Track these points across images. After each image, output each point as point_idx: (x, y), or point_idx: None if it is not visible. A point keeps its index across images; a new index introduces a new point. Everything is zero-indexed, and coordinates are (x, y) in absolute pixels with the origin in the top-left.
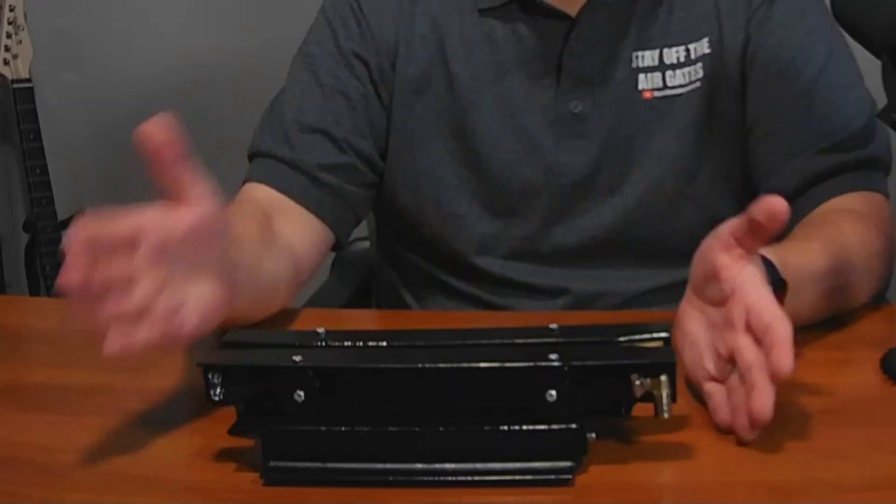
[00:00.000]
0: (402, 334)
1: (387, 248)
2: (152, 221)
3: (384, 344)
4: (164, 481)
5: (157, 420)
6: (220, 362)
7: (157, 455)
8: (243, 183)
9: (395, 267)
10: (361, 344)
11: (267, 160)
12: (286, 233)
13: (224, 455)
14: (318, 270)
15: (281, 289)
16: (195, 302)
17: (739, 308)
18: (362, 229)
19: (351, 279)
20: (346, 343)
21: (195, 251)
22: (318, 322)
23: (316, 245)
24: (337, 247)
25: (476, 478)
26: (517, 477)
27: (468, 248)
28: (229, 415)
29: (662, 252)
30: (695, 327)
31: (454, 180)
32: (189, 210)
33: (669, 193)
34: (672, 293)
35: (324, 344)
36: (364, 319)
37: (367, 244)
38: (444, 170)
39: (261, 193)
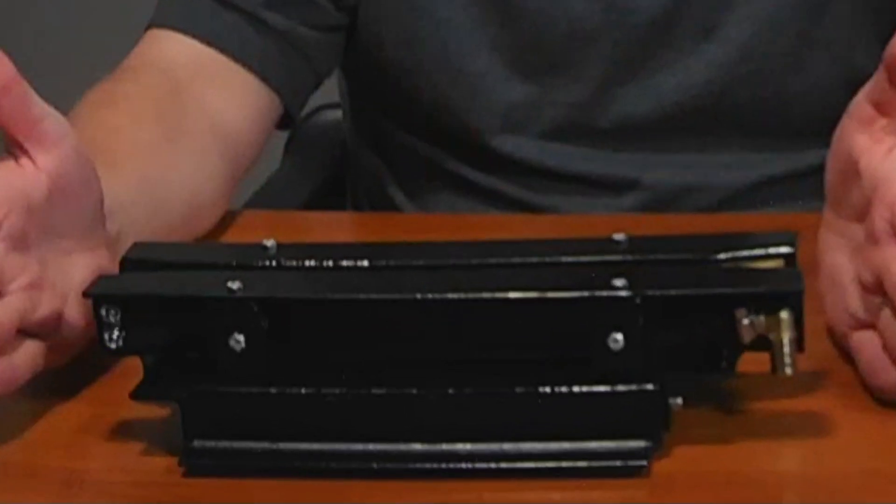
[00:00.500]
0: (392, 249)
1: (367, 123)
2: (3, 193)
3: (365, 264)
4: (36, 471)
5: (38, 380)
6: (119, 292)
7: (24, 433)
8: (147, 28)
9: (380, 150)
10: (331, 263)
11: None
12: (212, 106)
13: (125, 431)
14: (265, 154)
15: (203, 202)
16: (81, 284)
17: (881, 208)
18: (331, 92)
19: (315, 167)
20: (307, 262)
21: (64, 211)
22: (267, 230)
23: (257, 119)
24: (287, 122)
25: (503, 465)
26: (564, 464)
27: (489, 124)
28: (133, 371)
29: (779, 126)
30: (837, 258)
31: (467, 22)
32: (45, 159)
33: (788, 37)
34: (795, 187)
35: (275, 263)
36: (335, 226)
37: (338, 114)
38: (451, 6)
39: (172, 48)
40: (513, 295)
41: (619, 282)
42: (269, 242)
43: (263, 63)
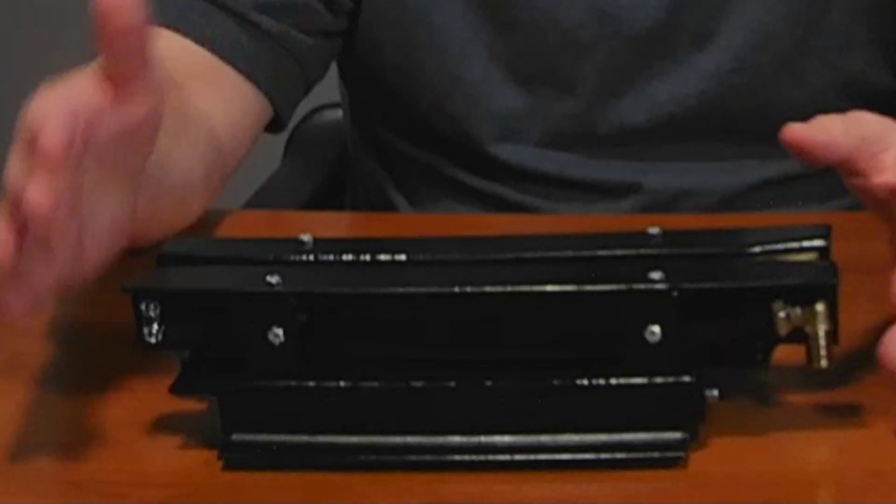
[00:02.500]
0: (429, 243)
1: (366, 128)
2: (87, 109)
3: (403, 258)
4: (73, 470)
5: (61, 378)
6: (159, 286)
7: (61, 431)
8: None
9: (379, 155)
10: (368, 258)
11: None
12: (203, 105)
13: (161, 426)
14: (265, 154)
15: (196, 187)
16: (102, 225)
17: None
18: (331, 92)
19: (315, 167)
20: (345, 256)
21: (122, 155)
22: (267, 230)
23: (246, 122)
24: (276, 126)
25: (541, 457)
26: (602, 455)
27: (486, 131)
28: (170, 366)
29: (775, 132)
30: None
31: (463, 30)
32: (133, 105)
33: (782, 46)
34: (793, 190)
35: (312, 258)
36: (335, 226)
37: (338, 114)
38: (447, 13)
39: (164, 45)
40: (550, 288)
41: (655, 275)
42: (306, 237)
43: (253, 66)
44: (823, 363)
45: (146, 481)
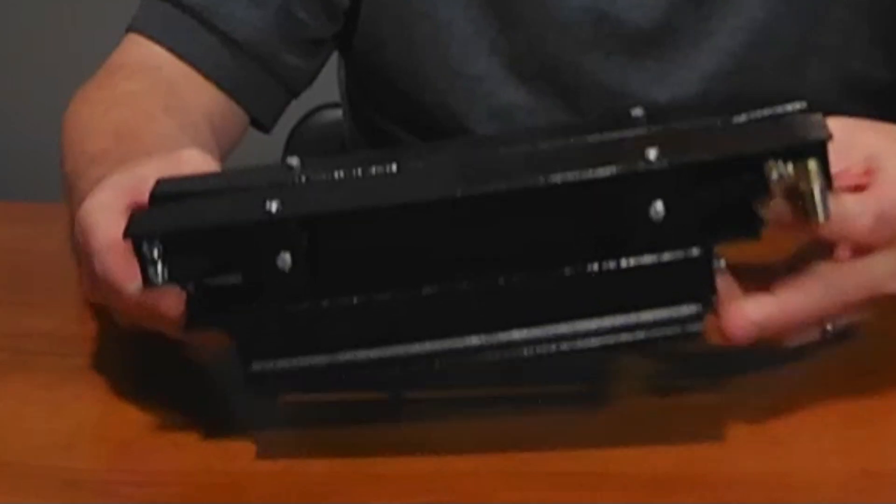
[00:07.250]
0: (419, 151)
1: (366, 122)
2: None
3: (394, 168)
4: (71, 473)
5: (62, 378)
6: (159, 228)
7: (61, 431)
8: (128, 29)
9: (377, 144)
10: (360, 172)
11: (166, 5)
12: (201, 102)
13: (164, 426)
14: (265, 154)
15: None
16: None
17: None
18: (331, 92)
19: None
20: (336, 174)
21: None
22: None
23: (229, 125)
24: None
25: (563, 346)
26: (623, 336)
27: (487, 127)
28: (172, 365)
29: None
30: None
31: (467, 25)
32: None
33: (784, 44)
34: None
35: (304, 179)
36: None
37: (338, 114)
38: (450, 8)
39: (155, 53)
40: (553, 179)
41: (652, 152)
42: (294, 161)
43: (235, 85)
44: (821, 218)
45: (147, 481)
